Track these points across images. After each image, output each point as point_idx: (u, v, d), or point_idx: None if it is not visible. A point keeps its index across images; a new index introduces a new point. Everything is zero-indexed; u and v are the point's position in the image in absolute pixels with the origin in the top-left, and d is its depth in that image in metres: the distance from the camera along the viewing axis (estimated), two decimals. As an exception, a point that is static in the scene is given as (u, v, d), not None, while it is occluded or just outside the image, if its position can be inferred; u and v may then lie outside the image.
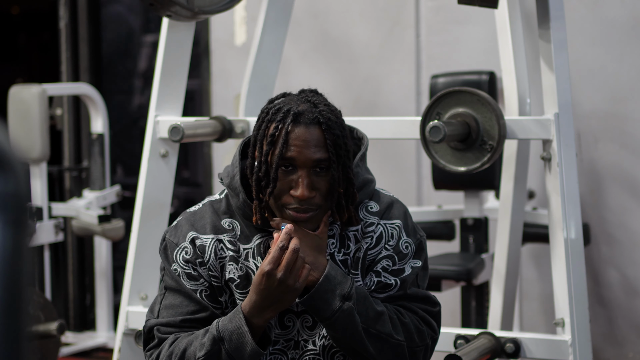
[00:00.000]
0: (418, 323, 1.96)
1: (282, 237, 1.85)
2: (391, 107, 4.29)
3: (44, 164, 4.22)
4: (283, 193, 1.89)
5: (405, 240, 1.99)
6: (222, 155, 4.66)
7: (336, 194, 1.90)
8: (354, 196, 1.93)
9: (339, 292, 1.87)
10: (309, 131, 1.87)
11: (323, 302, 1.87)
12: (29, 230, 0.85)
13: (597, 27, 3.89)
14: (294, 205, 1.88)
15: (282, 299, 1.85)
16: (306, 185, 1.86)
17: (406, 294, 1.97)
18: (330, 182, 1.88)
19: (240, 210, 1.97)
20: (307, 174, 1.87)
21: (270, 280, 1.83)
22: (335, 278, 1.88)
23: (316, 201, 1.88)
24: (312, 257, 1.88)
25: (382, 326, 1.90)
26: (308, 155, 1.86)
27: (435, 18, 4.23)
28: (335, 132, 1.89)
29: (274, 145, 1.88)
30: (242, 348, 1.86)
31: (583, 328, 2.54)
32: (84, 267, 5.05)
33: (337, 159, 1.88)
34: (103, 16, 5.29)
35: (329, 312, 1.87)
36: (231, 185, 1.98)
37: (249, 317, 1.87)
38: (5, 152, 0.83)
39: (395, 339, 1.91)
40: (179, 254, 1.98)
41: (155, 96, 2.88)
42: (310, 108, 1.90)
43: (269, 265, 1.83)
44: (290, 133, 1.87)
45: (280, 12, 3.09)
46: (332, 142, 1.88)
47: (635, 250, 3.91)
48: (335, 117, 1.91)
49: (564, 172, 2.54)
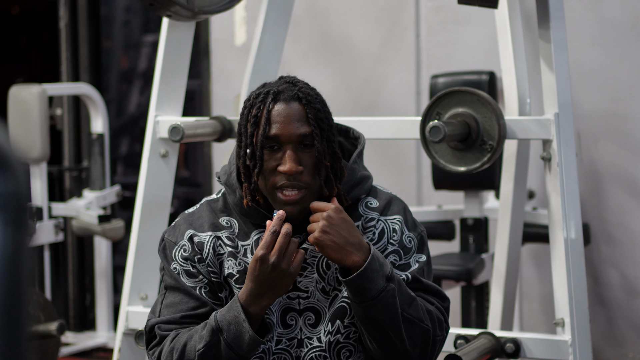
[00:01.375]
0: (438, 313, 1.98)
1: (274, 222, 1.87)
2: (391, 107, 4.29)
3: (44, 164, 4.22)
4: (271, 174, 1.90)
5: (407, 235, 2.00)
6: (222, 155, 4.66)
7: (323, 169, 1.91)
8: (342, 171, 1.95)
9: (383, 272, 1.88)
10: (290, 107, 1.91)
11: (369, 281, 1.86)
12: (29, 230, 0.85)
13: (597, 27, 3.89)
14: (283, 182, 1.89)
15: (278, 284, 1.86)
16: (293, 159, 1.88)
17: (422, 286, 1.98)
18: (316, 155, 1.90)
19: (238, 207, 1.98)
20: (293, 149, 1.89)
21: (264, 265, 1.85)
22: (379, 259, 1.89)
23: (304, 179, 1.90)
24: (356, 237, 1.88)
25: (415, 311, 1.91)
26: (291, 130, 1.89)
27: (435, 18, 4.23)
28: (316, 106, 1.92)
29: (257, 125, 1.91)
30: (241, 337, 1.87)
31: (583, 328, 2.54)
32: (84, 267, 5.05)
33: (321, 132, 1.91)
34: (103, 16, 5.29)
35: (374, 291, 1.86)
36: (228, 182, 1.99)
37: (245, 306, 1.87)
38: (5, 152, 0.83)
39: (425, 324, 1.92)
40: (177, 252, 1.99)
41: (155, 96, 2.88)
42: (290, 87, 1.93)
43: (262, 250, 1.85)
44: (271, 111, 1.90)
45: (280, 12, 3.09)
46: (314, 116, 1.91)
47: (635, 250, 3.91)
48: (315, 94, 1.94)
49: (564, 172, 2.54)
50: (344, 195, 1.97)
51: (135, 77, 5.56)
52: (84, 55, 5.11)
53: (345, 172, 1.97)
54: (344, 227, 1.88)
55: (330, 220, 1.87)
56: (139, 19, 5.56)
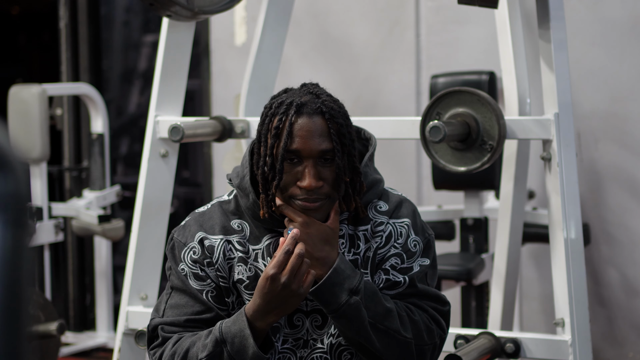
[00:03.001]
0: (428, 321, 1.97)
1: (287, 242, 1.85)
2: (391, 107, 4.29)
3: (44, 164, 4.22)
4: (289, 186, 1.89)
5: (413, 239, 1.99)
6: (222, 155, 4.66)
7: (343, 184, 1.90)
8: (361, 186, 1.94)
9: (347, 286, 1.87)
10: (313, 121, 1.88)
11: (330, 294, 1.87)
12: (29, 230, 0.85)
13: (597, 27, 3.89)
14: (302, 196, 1.88)
15: (286, 303, 1.85)
16: (313, 175, 1.86)
17: (417, 291, 1.98)
18: (336, 171, 1.88)
19: (250, 211, 1.97)
20: (313, 164, 1.87)
21: (274, 284, 1.83)
22: (344, 272, 1.89)
23: (324, 191, 1.89)
24: (322, 251, 1.89)
25: (391, 322, 1.91)
26: (313, 146, 1.87)
27: (435, 18, 4.23)
28: (339, 121, 1.90)
29: (278, 137, 1.88)
30: (244, 351, 1.86)
31: (583, 328, 2.54)
32: (84, 267, 5.05)
33: (342, 148, 1.89)
34: (103, 16, 5.29)
35: (335, 305, 1.87)
36: (241, 186, 1.97)
37: (252, 321, 1.87)
38: (5, 152, 0.83)
39: (403, 335, 1.92)
40: (186, 254, 1.98)
41: (155, 96, 2.88)
42: (313, 99, 1.91)
43: (274, 269, 1.83)
44: (293, 124, 1.88)
45: (280, 12, 3.09)
46: (336, 132, 1.89)
47: (635, 250, 3.91)
48: (338, 107, 1.92)
49: (564, 172, 2.54)
50: (361, 207, 1.96)
51: (135, 77, 5.56)
52: (84, 55, 5.11)
53: (365, 186, 1.96)
54: (310, 242, 1.88)
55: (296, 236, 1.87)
56: (139, 19, 5.56)
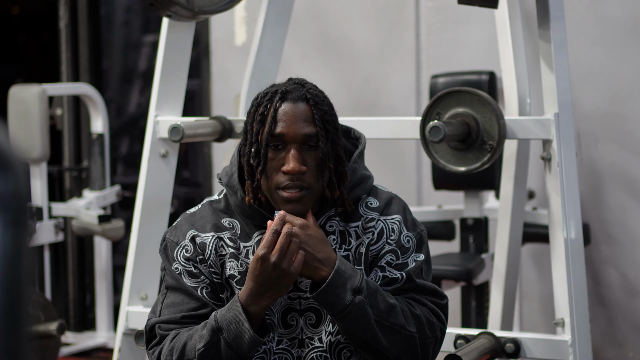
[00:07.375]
0: (429, 315, 1.98)
1: (275, 222, 1.87)
2: (391, 107, 4.29)
3: (44, 164, 4.22)
4: (274, 173, 1.91)
5: (406, 235, 2.00)
6: (222, 155, 4.66)
7: (327, 170, 1.92)
8: (345, 174, 1.96)
9: (350, 286, 1.88)
10: (297, 107, 1.92)
11: (334, 296, 1.88)
12: (29, 230, 0.85)
13: (597, 27, 3.89)
14: (286, 182, 1.89)
15: (278, 284, 1.86)
16: (297, 159, 1.89)
17: (415, 286, 1.99)
18: (320, 156, 1.90)
19: (239, 208, 1.99)
20: (297, 149, 1.90)
21: (264, 265, 1.85)
22: (345, 272, 1.89)
23: (307, 179, 1.90)
24: (323, 252, 1.90)
25: (395, 318, 1.92)
26: (297, 130, 1.90)
27: (435, 18, 4.23)
28: (323, 108, 1.93)
29: (263, 123, 1.92)
30: (241, 337, 1.87)
31: (583, 328, 2.54)
32: (84, 267, 5.05)
33: (326, 133, 1.92)
34: (103, 16, 5.29)
35: (340, 306, 1.88)
36: (229, 184, 1.99)
37: (246, 306, 1.88)
38: (5, 152, 0.83)
39: (408, 330, 1.93)
40: (179, 253, 1.99)
41: (155, 96, 2.88)
42: (298, 87, 1.95)
43: (263, 250, 1.85)
44: (278, 110, 1.91)
45: (280, 12, 3.09)
46: (320, 117, 1.91)
47: (635, 250, 3.91)
48: (322, 96, 1.96)
49: (564, 172, 2.54)
50: (347, 200, 1.98)
51: (135, 77, 5.56)
52: (84, 55, 5.11)
53: (349, 176, 1.97)
54: (311, 243, 1.89)
55: (297, 238, 1.87)
56: (139, 19, 5.57)
